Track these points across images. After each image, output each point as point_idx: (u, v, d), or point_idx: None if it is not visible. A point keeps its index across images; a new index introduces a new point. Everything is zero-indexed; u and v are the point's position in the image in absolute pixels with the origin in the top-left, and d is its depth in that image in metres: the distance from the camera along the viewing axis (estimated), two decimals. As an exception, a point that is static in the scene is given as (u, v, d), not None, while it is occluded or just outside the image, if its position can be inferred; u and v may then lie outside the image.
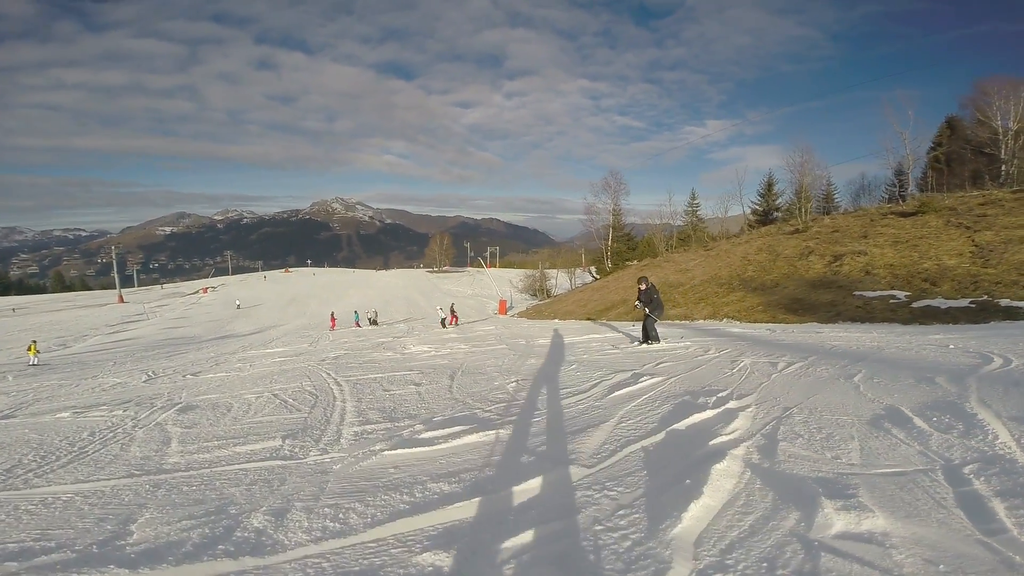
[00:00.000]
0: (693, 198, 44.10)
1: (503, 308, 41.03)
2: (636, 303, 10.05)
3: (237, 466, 3.65)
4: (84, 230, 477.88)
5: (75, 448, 4.44)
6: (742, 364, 6.50)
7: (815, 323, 14.37)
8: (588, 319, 23.16)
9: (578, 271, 49.04)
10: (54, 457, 4.18)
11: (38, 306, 56.14)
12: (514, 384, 6.28)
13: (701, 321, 17.26)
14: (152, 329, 36.30)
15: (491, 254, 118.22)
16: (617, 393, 5.20)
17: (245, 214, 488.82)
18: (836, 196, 39.82)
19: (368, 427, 4.57)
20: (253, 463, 3.69)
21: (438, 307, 26.03)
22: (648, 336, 9.28)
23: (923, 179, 34.63)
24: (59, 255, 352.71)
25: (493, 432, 4.04)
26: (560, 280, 49.78)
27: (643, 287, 9.74)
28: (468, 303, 51.85)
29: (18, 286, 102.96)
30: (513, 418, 4.56)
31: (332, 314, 28.84)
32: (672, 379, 5.80)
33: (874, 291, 17.07)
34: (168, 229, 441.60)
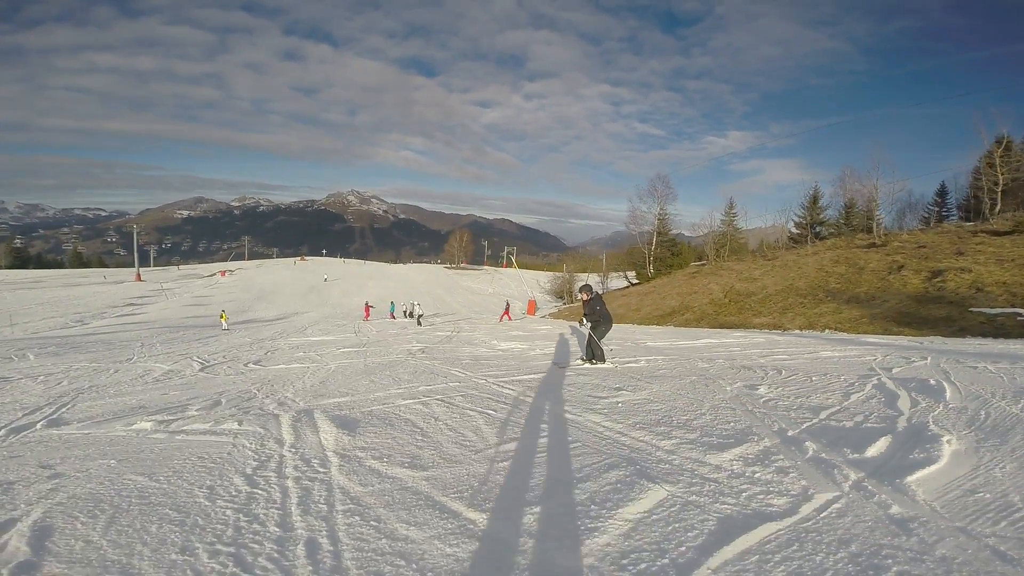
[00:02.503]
0: (731, 207, 42.52)
1: (532, 308, 39.41)
2: (583, 319, 8.39)
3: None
4: (104, 210, 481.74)
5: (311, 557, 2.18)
6: (986, 369, 5.69)
7: (937, 336, 13.26)
8: (651, 324, 21.48)
9: (612, 276, 47.23)
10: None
11: (55, 280, 55.25)
12: (764, 389, 5.16)
13: (798, 331, 15.74)
14: (171, 309, 35.00)
15: (508, 254, 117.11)
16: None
17: (262, 201, 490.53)
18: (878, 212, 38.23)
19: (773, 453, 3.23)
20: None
21: (414, 302, 24.16)
22: (593, 354, 7.80)
23: (968, 200, 32.99)
24: (77, 233, 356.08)
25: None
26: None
27: (585, 297, 8.15)
28: (491, 301, 50.40)
29: (37, 260, 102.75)
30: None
31: (367, 303, 27.34)
32: (953, 384, 4.97)
33: (992, 308, 16.17)
34: (185, 213, 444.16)
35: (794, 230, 39.54)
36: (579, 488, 2.76)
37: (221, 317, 22.58)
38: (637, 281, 38.71)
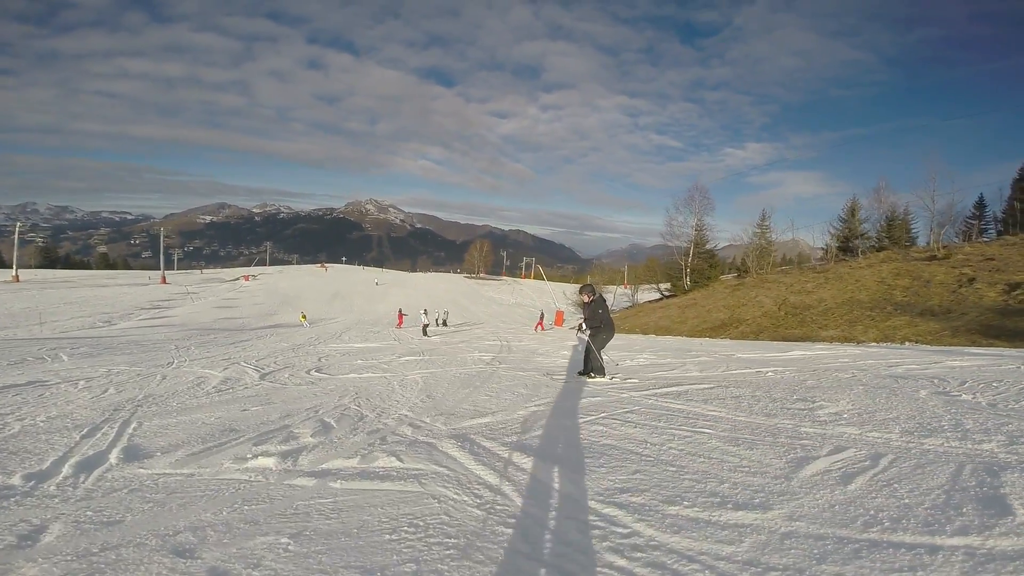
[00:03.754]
0: (763, 219, 41.10)
1: (560, 319, 38.27)
2: (580, 324, 7.43)
3: None
4: (130, 213, 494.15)
5: None
6: None
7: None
8: (702, 336, 20.25)
9: (641, 288, 45.97)
10: None
11: (82, 281, 55.63)
12: (967, 395, 4.74)
13: (875, 344, 14.76)
14: (198, 311, 34.56)
15: (527, 265, 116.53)
16: None
17: (283, 209, 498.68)
18: (912, 225, 36.49)
19: None
20: None
21: (423, 310, 22.71)
22: (590, 366, 6.81)
23: (1013, 212, 32.03)
24: (104, 235, 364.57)
25: None
26: (615, 296, 47.20)
27: (587, 299, 7.20)
28: (516, 312, 49.39)
29: (64, 261, 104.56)
30: None
31: (400, 311, 26.45)
32: None
33: (1081, 318, 15.11)
34: (208, 218, 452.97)
35: (832, 242, 38.34)
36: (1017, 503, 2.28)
37: (301, 318, 25.19)
38: (672, 293, 37.39)
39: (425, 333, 20.16)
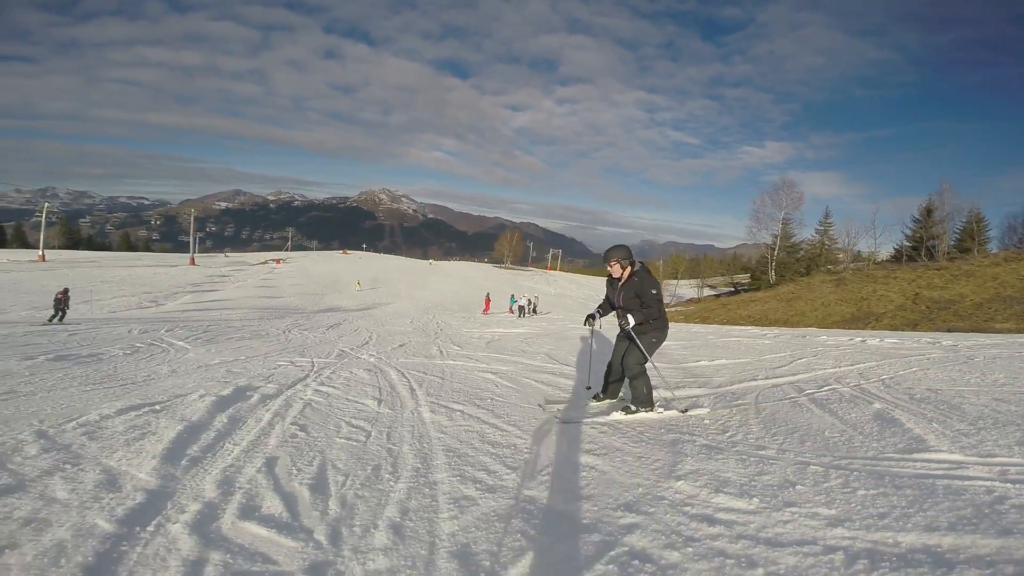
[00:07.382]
0: (826, 217, 38.41)
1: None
2: (594, 313, 4.04)
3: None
4: (147, 199, 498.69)
5: None
6: None
7: None
8: (841, 328, 17.84)
9: (678, 282, 43.32)
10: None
11: (109, 262, 54.07)
12: None
13: None
14: (244, 294, 32.38)
15: (552, 256, 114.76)
16: None
17: (296, 197, 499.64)
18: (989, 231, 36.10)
19: None
20: None
21: (524, 295, 22.19)
22: (637, 395, 3.69)
23: None
24: (120, 220, 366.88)
25: None
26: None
27: (621, 272, 3.79)
28: (567, 302, 47.08)
29: (88, 242, 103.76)
30: None
31: (487, 296, 24.17)
32: None
33: None
34: (224, 204, 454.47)
35: (906, 243, 36.51)
36: None
37: (357, 284, 30.92)
38: (753, 287, 34.80)
39: (523, 315, 18.79)
